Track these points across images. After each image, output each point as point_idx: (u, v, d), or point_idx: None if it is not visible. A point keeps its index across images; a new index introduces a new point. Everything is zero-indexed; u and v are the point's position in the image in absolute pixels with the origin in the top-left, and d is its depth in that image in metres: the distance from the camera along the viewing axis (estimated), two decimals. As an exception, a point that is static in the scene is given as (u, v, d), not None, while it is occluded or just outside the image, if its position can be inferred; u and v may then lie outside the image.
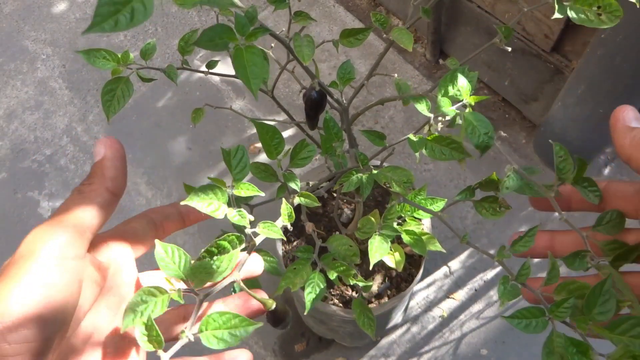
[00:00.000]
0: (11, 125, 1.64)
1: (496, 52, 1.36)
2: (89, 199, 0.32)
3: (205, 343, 0.32)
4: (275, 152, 0.43)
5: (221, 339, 0.32)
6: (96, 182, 0.33)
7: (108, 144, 0.34)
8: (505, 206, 0.46)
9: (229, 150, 0.40)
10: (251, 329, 0.33)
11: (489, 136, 0.40)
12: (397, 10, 1.64)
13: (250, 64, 0.31)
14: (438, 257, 1.33)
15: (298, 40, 0.46)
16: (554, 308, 0.37)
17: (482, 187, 0.47)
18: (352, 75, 0.57)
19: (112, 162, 0.34)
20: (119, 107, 0.44)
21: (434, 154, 0.45)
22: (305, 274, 0.51)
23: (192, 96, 1.62)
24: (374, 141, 0.54)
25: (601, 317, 0.35)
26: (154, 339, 0.32)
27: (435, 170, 1.41)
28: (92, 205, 0.32)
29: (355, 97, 0.57)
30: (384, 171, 0.50)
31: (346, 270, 0.52)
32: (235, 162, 0.40)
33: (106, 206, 0.33)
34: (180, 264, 0.34)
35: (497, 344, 1.23)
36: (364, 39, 0.50)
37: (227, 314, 0.33)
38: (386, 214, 0.50)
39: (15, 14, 1.87)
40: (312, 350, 1.25)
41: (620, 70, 1.05)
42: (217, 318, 0.32)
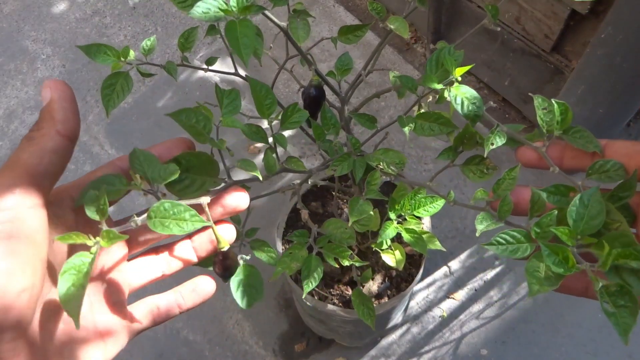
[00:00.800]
0: (11, 125, 1.64)
1: (496, 52, 1.36)
2: (40, 145, 0.30)
3: (151, 226, 0.32)
4: (267, 112, 0.43)
5: (167, 227, 0.31)
6: (45, 126, 0.31)
7: (53, 86, 0.32)
8: (492, 167, 0.45)
9: (223, 90, 0.40)
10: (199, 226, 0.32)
11: (477, 105, 0.39)
12: (397, 10, 1.64)
13: (242, 35, 0.32)
14: (438, 257, 1.32)
15: (294, 23, 0.46)
16: (537, 228, 0.34)
17: (464, 146, 0.46)
18: (350, 66, 0.57)
19: (59, 104, 0.32)
20: (118, 101, 0.44)
21: (423, 131, 0.44)
22: (301, 258, 0.51)
23: (192, 96, 1.62)
24: (365, 124, 0.54)
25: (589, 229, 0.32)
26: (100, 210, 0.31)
27: (435, 170, 1.41)
28: (44, 150, 0.30)
29: (355, 97, 0.57)
30: (377, 154, 0.50)
31: (342, 251, 0.52)
32: (227, 101, 0.39)
33: (60, 151, 0.31)
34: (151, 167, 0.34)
35: (497, 344, 1.22)
36: (362, 36, 0.50)
37: (179, 206, 0.32)
38: (369, 179, 0.50)
39: (15, 14, 1.87)
40: (312, 350, 1.25)
41: (620, 70, 1.05)
42: (169, 208, 0.32)
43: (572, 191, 0.36)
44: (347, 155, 0.50)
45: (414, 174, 1.42)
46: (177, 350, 1.26)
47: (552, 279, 0.32)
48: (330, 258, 0.52)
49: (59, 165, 0.31)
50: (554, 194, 0.36)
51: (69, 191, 0.34)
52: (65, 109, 0.32)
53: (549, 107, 0.38)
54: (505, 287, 1.28)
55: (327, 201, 1.03)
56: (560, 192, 0.36)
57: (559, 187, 0.36)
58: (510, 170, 0.39)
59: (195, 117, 0.37)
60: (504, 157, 1.40)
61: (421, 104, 0.46)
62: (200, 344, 1.27)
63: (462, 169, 0.47)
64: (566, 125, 0.38)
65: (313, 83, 0.51)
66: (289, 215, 1.00)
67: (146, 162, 0.34)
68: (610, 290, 0.30)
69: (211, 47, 1.72)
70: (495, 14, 0.44)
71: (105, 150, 1.56)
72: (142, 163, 0.34)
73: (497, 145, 0.39)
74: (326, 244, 0.53)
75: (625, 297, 0.29)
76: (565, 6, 1.12)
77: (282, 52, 0.68)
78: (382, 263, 0.98)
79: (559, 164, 0.38)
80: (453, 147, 0.46)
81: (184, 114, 0.36)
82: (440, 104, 0.42)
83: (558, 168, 0.37)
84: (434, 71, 0.42)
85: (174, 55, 1.72)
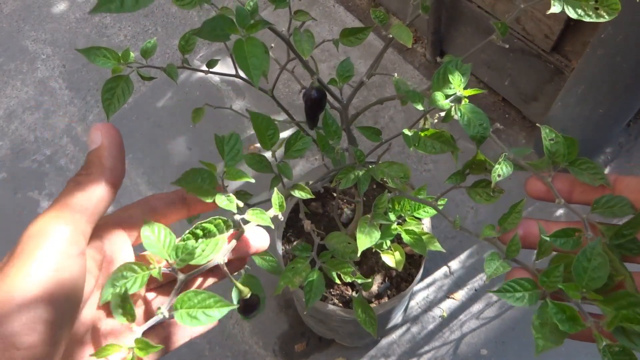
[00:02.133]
0: (11, 125, 1.64)
1: (496, 52, 1.36)
2: (88, 192, 0.31)
3: (178, 320, 0.32)
4: (270, 142, 0.43)
5: (194, 318, 0.32)
6: (94, 172, 0.32)
7: (105, 130, 0.32)
8: (499, 190, 0.46)
9: (222, 137, 0.40)
10: (225, 311, 0.32)
11: (484, 127, 0.40)
12: (397, 11, 1.64)
13: (251, 55, 0.31)
14: (438, 257, 1.33)
15: (297, 35, 0.46)
16: (544, 278, 0.35)
17: (472, 171, 0.46)
18: (351, 73, 0.57)
19: (109, 152, 0.32)
20: (119, 105, 0.44)
21: (425, 148, 0.45)
22: (304, 273, 0.51)
23: (192, 96, 1.62)
24: (370, 137, 0.54)
25: (593, 283, 0.33)
26: (127, 312, 0.32)
27: (435, 171, 1.41)
28: (91, 198, 0.31)
29: (356, 97, 0.57)
30: (381, 167, 0.50)
31: (345, 268, 0.52)
32: (228, 149, 0.39)
33: (105, 197, 0.32)
34: (164, 243, 0.34)
35: (497, 344, 1.23)
36: (364, 38, 0.50)
37: (202, 294, 0.32)
38: (376, 202, 0.50)
39: (15, 14, 1.87)
40: (312, 350, 1.25)
41: (620, 70, 1.05)
42: (192, 297, 0.32)
43: (577, 231, 0.37)
44: (351, 167, 0.50)
45: (414, 174, 1.42)
46: (177, 350, 1.26)
47: (557, 335, 0.33)
48: (332, 274, 0.53)
49: (101, 212, 0.32)
50: (560, 237, 0.37)
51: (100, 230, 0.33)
52: (114, 157, 0.32)
53: (556, 139, 0.39)
54: (505, 287, 1.28)
55: (327, 201, 1.03)
56: (565, 234, 0.37)
57: (565, 231, 0.37)
58: (515, 205, 0.39)
59: (200, 176, 0.37)
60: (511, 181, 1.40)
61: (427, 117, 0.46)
62: (200, 344, 1.27)
63: (468, 192, 0.47)
64: (572, 157, 0.39)
65: (314, 85, 0.51)
66: (289, 216, 1.00)
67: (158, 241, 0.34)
68: (613, 350, 0.31)
69: (211, 47, 1.72)
70: (505, 31, 0.45)
71: (105, 150, 1.56)
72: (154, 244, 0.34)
73: (505, 177, 0.39)
74: (329, 259, 0.53)
75: (626, 358, 0.31)
76: (565, 6, 1.11)
77: (282, 52, 0.68)
78: (382, 263, 0.98)
79: (568, 197, 0.39)
80: (461, 171, 0.47)
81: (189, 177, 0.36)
82: (447, 122, 0.42)
83: (564, 200, 0.38)
84: (440, 85, 0.42)
85: (174, 56, 1.72)
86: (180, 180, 0.36)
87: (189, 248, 0.34)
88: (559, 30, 1.17)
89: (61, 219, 0.29)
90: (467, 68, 0.43)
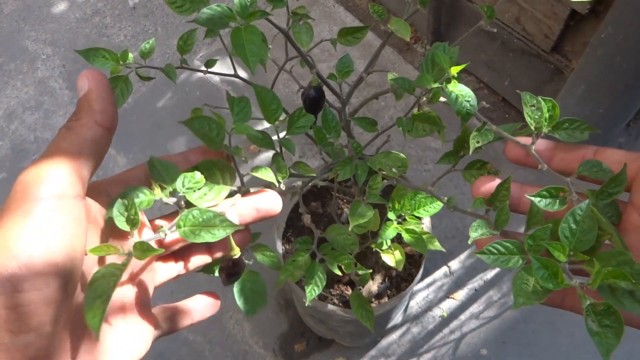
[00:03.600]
0: (11, 125, 1.64)
1: (496, 52, 1.36)
2: (79, 134, 0.30)
3: (182, 236, 0.31)
4: (273, 117, 0.43)
5: (198, 235, 0.31)
6: (84, 116, 0.31)
7: (91, 76, 0.31)
8: (494, 171, 0.45)
9: (233, 97, 0.40)
10: (230, 231, 0.32)
11: (470, 103, 0.39)
12: (397, 11, 1.64)
13: (249, 43, 0.31)
14: (438, 257, 1.32)
15: (297, 27, 0.46)
16: (530, 241, 0.34)
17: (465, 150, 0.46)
18: (350, 68, 0.57)
19: (98, 94, 0.31)
20: (118, 105, 0.44)
21: (417, 132, 0.45)
22: (304, 265, 0.51)
23: (191, 96, 1.62)
24: (366, 127, 0.54)
25: (580, 245, 0.32)
26: (131, 220, 0.31)
27: (435, 171, 1.41)
28: (84, 140, 0.30)
29: (355, 97, 0.57)
30: (378, 157, 0.50)
31: (345, 259, 0.52)
32: (238, 109, 0.40)
33: (99, 141, 0.30)
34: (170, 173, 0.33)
35: (497, 344, 1.23)
36: (362, 37, 0.50)
37: (209, 212, 0.32)
38: (370, 184, 0.50)
39: (15, 14, 1.87)
40: (312, 350, 1.25)
41: (620, 70, 1.05)
42: (198, 215, 0.32)
43: (562, 191, 0.36)
44: (349, 159, 0.50)
45: (414, 174, 1.42)
46: (177, 350, 1.26)
47: (540, 293, 0.32)
48: (333, 266, 0.53)
49: (97, 155, 0.30)
50: (545, 197, 0.36)
51: (105, 185, 0.33)
52: (103, 98, 0.31)
53: (537, 104, 0.38)
54: (505, 287, 1.28)
55: (327, 201, 1.03)
56: (550, 194, 0.36)
57: (549, 190, 0.36)
58: (503, 182, 0.39)
59: (208, 124, 0.37)
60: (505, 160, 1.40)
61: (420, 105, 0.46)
62: (200, 344, 1.27)
63: (463, 174, 0.47)
64: (554, 122, 0.38)
65: (313, 84, 0.51)
66: (289, 216, 1.00)
67: (165, 171, 0.34)
68: (597, 309, 0.30)
69: (211, 47, 1.72)
70: (491, 15, 0.44)
71: (105, 150, 1.56)
72: (161, 172, 0.33)
73: (483, 144, 0.39)
74: (329, 251, 0.53)
75: (612, 317, 0.29)
76: (565, 6, 1.12)
77: (280, 53, 0.68)
78: (382, 263, 0.98)
79: (547, 164, 0.38)
80: (454, 151, 0.46)
81: (197, 122, 0.36)
82: (433, 103, 0.42)
83: (547, 166, 0.37)
84: (430, 70, 0.42)
85: (174, 56, 1.72)
86: (190, 122, 0.36)
87: (194, 177, 0.33)
88: (559, 30, 1.17)
89: (54, 164, 0.28)
90: (455, 51, 0.43)
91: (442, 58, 0.40)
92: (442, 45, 0.42)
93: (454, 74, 0.40)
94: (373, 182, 0.50)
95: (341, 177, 0.48)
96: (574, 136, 0.38)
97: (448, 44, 0.43)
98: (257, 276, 0.42)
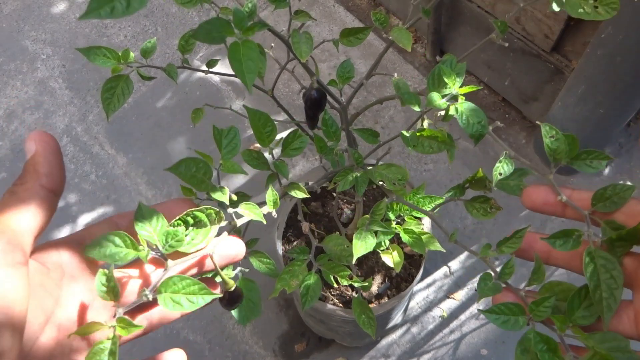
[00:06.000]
0: (11, 125, 1.64)
1: (496, 52, 1.36)
2: (23, 200, 0.29)
3: (161, 304, 0.32)
4: (267, 139, 0.43)
5: (178, 303, 0.32)
6: (29, 180, 0.30)
7: (38, 138, 0.31)
8: (496, 207, 0.46)
9: (221, 130, 0.39)
10: (209, 299, 0.32)
11: (482, 125, 0.40)
12: (397, 11, 1.64)
13: (246, 58, 0.31)
14: (438, 257, 1.33)
15: (296, 37, 0.46)
16: (534, 306, 0.35)
17: (471, 186, 0.47)
18: (351, 74, 0.57)
19: (44, 157, 0.31)
20: (119, 105, 0.44)
21: (423, 149, 0.45)
22: (301, 275, 0.51)
23: (192, 96, 1.62)
24: (367, 139, 0.54)
25: (583, 320, 0.34)
26: (112, 291, 0.31)
27: (435, 171, 1.41)
28: (27, 205, 0.29)
29: (356, 97, 0.57)
30: (379, 169, 0.50)
31: (342, 271, 0.52)
32: (226, 142, 0.39)
33: (44, 205, 0.30)
34: (156, 228, 0.33)
35: (497, 344, 1.23)
36: (364, 38, 0.50)
37: (187, 279, 0.32)
38: (374, 209, 0.50)
39: (15, 14, 1.87)
40: (312, 350, 1.25)
41: (620, 70, 1.05)
42: (177, 282, 0.32)
43: (576, 232, 0.36)
44: (350, 169, 0.50)
45: (414, 174, 1.42)
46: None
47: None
48: (329, 277, 0.53)
49: (42, 220, 0.30)
50: (559, 237, 0.36)
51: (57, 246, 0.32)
52: (50, 162, 0.31)
53: (556, 136, 0.38)
54: (505, 287, 1.28)
55: (327, 201, 1.03)
56: (564, 234, 0.36)
57: (564, 231, 0.36)
58: (518, 230, 0.39)
59: (195, 165, 0.37)
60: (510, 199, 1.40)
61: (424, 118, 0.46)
62: (200, 344, 1.27)
63: (465, 205, 0.47)
64: (573, 154, 0.38)
65: (314, 86, 0.51)
66: (288, 215, 1.00)
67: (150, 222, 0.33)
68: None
69: (211, 47, 1.72)
70: (504, 29, 0.44)
71: (105, 150, 1.56)
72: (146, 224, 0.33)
73: (505, 175, 0.39)
74: (326, 262, 0.53)
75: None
76: (565, 6, 1.11)
77: (282, 52, 0.68)
78: (382, 263, 0.98)
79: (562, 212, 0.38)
80: (461, 185, 0.47)
81: (183, 165, 0.36)
82: (447, 121, 0.42)
83: (565, 197, 0.36)
84: (435, 85, 0.42)
85: (174, 56, 1.72)
86: (175, 167, 0.36)
87: (178, 235, 0.33)
88: (559, 30, 1.17)
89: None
90: (462, 67, 0.43)
91: (447, 73, 0.40)
92: (449, 61, 0.42)
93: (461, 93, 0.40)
94: (377, 208, 0.49)
95: (340, 188, 0.49)
96: (592, 166, 0.38)
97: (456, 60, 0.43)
98: (253, 285, 0.42)
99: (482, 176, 0.44)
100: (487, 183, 0.45)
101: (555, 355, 0.33)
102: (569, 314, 0.34)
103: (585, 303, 0.34)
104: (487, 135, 0.41)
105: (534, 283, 0.38)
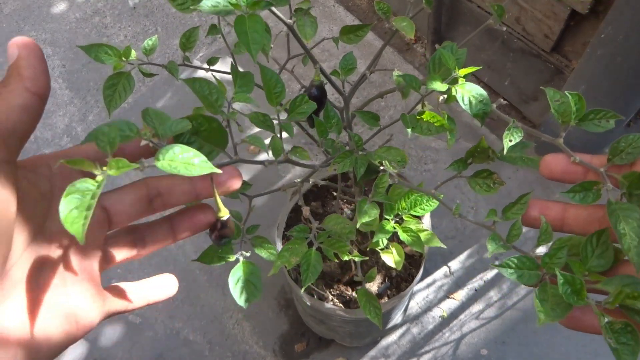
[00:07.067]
0: (11, 125, 1.64)
1: (496, 52, 1.36)
2: (7, 100, 0.28)
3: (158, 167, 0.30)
4: (276, 99, 0.44)
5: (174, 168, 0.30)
6: (12, 82, 0.29)
7: (20, 43, 0.30)
8: (499, 182, 0.46)
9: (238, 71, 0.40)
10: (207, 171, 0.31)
11: (484, 103, 0.39)
12: (398, 11, 1.64)
13: (252, 30, 0.32)
14: (438, 257, 1.32)
15: (301, 20, 0.46)
16: (547, 259, 0.35)
17: (474, 159, 0.46)
18: (354, 66, 0.57)
19: (27, 62, 0.30)
20: (120, 101, 0.44)
21: (422, 131, 0.45)
22: (300, 252, 0.51)
23: (192, 96, 1.62)
24: (369, 121, 0.54)
25: (597, 268, 0.34)
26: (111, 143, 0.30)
27: (435, 171, 1.41)
28: (12, 106, 0.28)
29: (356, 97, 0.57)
30: (378, 152, 0.50)
31: (341, 246, 0.52)
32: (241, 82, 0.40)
33: (30, 108, 0.29)
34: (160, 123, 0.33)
35: (497, 344, 1.23)
36: (363, 36, 0.50)
37: (190, 151, 0.31)
38: (377, 182, 0.50)
39: (15, 14, 1.87)
40: (312, 350, 1.25)
41: (620, 70, 1.05)
42: (179, 152, 0.31)
43: (596, 185, 0.36)
44: (349, 152, 0.50)
45: (415, 174, 1.42)
46: (177, 350, 1.26)
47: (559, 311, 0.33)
48: (329, 253, 0.53)
49: (27, 123, 0.29)
50: (578, 191, 0.36)
51: (46, 159, 0.32)
52: (33, 66, 0.30)
53: (562, 99, 0.37)
54: (505, 287, 1.28)
55: (327, 201, 1.03)
56: (584, 188, 0.36)
57: (583, 184, 0.36)
58: (522, 195, 0.39)
59: (209, 88, 0.37)
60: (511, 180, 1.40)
61: (424, 103, 0.46)
62: (200, 344, 1.27)
63: (468, 181, 0.47)
64: (581, 114, 0.38)
65: (315, 83, 0.51)
66: (289, 215, 1.00)
67: (157, 118, 0.33)
68: (614, 327, 0.31)
69: (211, 47, 1.72)
70: (501, 14, 0.44)
71: (105, 150, 1.56)
72: (154, 119, 0.33)
73: (516, 142, 0.39)
74: (326, 239, 0.53)
75: (628, 336, 0.31)
76: (565, 6, 1.12)
77: (282, 52, 0.68)
78: (382, 263, 0.98)
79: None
80: (464, 159, 0.46)
81: (197, 82, 0.36)
82: (449, 104, 0.41)
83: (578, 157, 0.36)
84: (436, 70, 0.42)
85: (174, 56, 1.72)
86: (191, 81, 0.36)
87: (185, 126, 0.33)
88: (559, 30, 1.17)
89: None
90: (463, 52, 0.43)
91: (447, 57, 0.40)
92: (450, 46, 0.42)
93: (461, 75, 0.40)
94: (379, 181, 0.50)
95: (340, 170, 0.48)
96: (601, 125, 0.37)
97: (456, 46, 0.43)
98: (253, 267, 0.42)
99: (485, 146, 0.44)
100: (490, 153, 0.44)
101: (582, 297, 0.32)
102: (584, 262, 0.34)
103: (598, 250, 0.34)
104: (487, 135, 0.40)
105: (542, 243, 0.37)
